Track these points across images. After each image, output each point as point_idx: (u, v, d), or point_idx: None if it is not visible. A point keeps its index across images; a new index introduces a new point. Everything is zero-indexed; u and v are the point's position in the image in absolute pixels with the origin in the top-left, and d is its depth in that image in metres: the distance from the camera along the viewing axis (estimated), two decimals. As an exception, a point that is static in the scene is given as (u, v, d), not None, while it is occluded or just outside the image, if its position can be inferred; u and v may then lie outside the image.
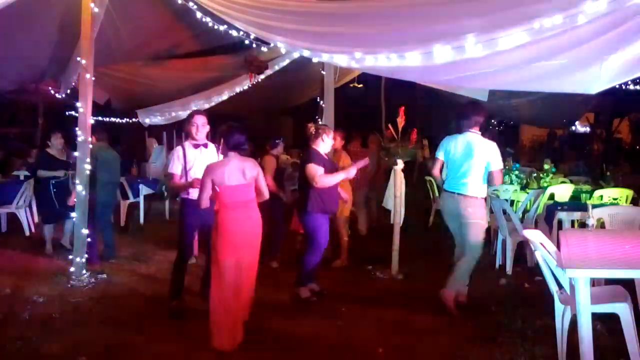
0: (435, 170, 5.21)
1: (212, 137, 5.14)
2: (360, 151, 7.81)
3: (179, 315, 4.71)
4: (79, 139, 5.70)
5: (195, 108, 10.64)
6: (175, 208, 8.51)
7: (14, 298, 5.13)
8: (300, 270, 5.24)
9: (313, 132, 5.23)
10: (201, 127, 4.88)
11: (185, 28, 7.69)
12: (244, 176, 4.18)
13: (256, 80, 9.28)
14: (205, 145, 4.94)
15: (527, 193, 7.46)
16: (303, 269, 5.22)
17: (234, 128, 4.26)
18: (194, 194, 4.69)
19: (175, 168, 4.81)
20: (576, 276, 3.26)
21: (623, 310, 3.51)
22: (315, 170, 5.01)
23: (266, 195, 4.41)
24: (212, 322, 4.11)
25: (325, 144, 5.21)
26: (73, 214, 5.81)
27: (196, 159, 4.84)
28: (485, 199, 5.05)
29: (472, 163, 4.87)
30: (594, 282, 4.27)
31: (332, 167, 5.24)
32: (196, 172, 4.73)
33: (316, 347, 4.16)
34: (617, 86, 7.15)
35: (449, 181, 5.02)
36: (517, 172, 8.39)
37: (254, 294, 4.43)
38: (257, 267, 4.37)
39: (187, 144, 4.90)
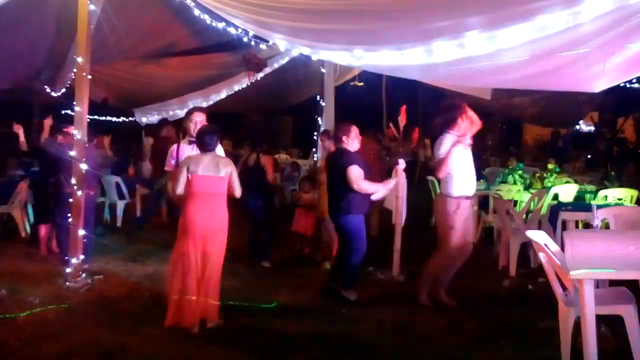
0: None
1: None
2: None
3: None
4: (76, 138, 5.64)
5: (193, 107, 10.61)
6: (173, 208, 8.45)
7: (10, 299, 5.07)
8: (345, 273, 5.19)
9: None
10: (199, 124, 4.91)
11: (183, 25, 7.65)
12: (217, 169, 4.38)
13: (255, 79, 9.23)
14: None
15: (531, 193, 7.39)
16: (348, 271, 5.17)
17: (204, 130, 4.55)
18: None
19: (169, 165, 4.95)
20: (580, 277, 3.20)
21: (627, 312, 3.48)
22: (359, 173, 4.99)
23: (237, 193, 4.54)
24: (170, 303, 4.33)
25: (350, 145, 5.15)
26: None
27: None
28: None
29: None
30: (598, 284, 4.21)
31: (365, 167, 5.20)
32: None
33: (316, 348, 4.11)
34: (621, 84, 7.10)
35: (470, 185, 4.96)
36: (520, 172, 8.33)
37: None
38: (221, 264, 4.46)
39: (183, 141, 5.01)
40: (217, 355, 3.97)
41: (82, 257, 5.74)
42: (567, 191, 7.51)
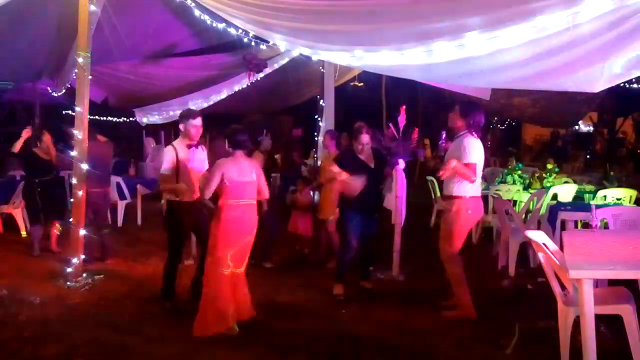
0: None
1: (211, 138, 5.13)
2: None
3: (175, 314, 4.75)
4: (77, 138, 5.65)
5: (193, 107, 10.59)
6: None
7: (11, 299, 5.09)
8: (336, 267, 5.43)
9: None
10: (200, 128, 4.89)
11: (183, 26, 7.64)
12: (251, 174, 4.42)
13: (255, 79, 9.22)
14: (196, 146, 4.91)
15: (530, 193, 7.39)
16: (337, 265, 5.40)
17: (237, 128, 4.56)
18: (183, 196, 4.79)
19: (168, 169, 4.78)
20: (579, 277, 3.20)
21: (626, 311, 3.48)
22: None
23: (267, 194, 4.67)
24: (200, 309, 4.27)
25: (355, 147, 5.28)
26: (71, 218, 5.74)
27: (188, 160, 4.81)
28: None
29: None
30: (597, 284, 4.22)
31: (357, 166, 5.20)
32: (187, 174, 4.78)
33: (316, 348, 4.11)
34: (621, 85, 7.10)
35: (478, 186, 4.82)
36: (520, 172, 8.33)
37: (250, 292, 4.57)
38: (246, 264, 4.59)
39: (179, 144, 4.86)
40: (217, 355, 3.97)
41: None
42: (566, 191, 7.51)
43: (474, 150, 4.62)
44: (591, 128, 19.00)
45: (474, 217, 4.80)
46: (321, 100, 8.68)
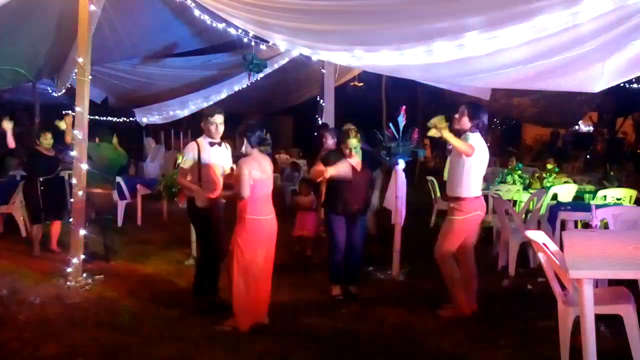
0: None
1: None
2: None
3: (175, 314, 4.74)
4: (77, 138, 5.65)
5: (193, 107, 10.62)
6: (173, 208, 8.43)
7: (11, 299, 5.08)
8: (328, 270, 5.40)
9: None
10: (219, 125, 4.85)
11: (183, 26, 7.65)
12: (270, 170, 4.45)
13: (255, 79, 9.23)
14: (219, 144, 4.90)
15: (530, 193, 7.39)
16: (328, 268, 5.36)
17: (254, 125, 4.43)
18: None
19: (188, 164, 4.77)
20: (579, 277, 3.20)
21: (627, 311, 3.48)
22: (317, 165, 5.18)
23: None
24: (236, 308, 4.34)
25: (344, 150, 5.16)
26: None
27: (210, 157, 4.81)
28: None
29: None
30: (597, 284, 4.21)
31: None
32: (209, 171, 4.77)
33: (316, 348, 4.11)
34: (621, 85, 7.11)
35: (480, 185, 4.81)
36: (520, 172, 8.32)
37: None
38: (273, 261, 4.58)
39: (202, 141, 4.84)
40: (217, 355, 3.97)
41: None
42: (566, 191, 7.51)
43: (477, 144, 4.59)
44: (591, 128, 19.02)
45: (477, 218, 4.76)
46: (321, 100, 8.69)
